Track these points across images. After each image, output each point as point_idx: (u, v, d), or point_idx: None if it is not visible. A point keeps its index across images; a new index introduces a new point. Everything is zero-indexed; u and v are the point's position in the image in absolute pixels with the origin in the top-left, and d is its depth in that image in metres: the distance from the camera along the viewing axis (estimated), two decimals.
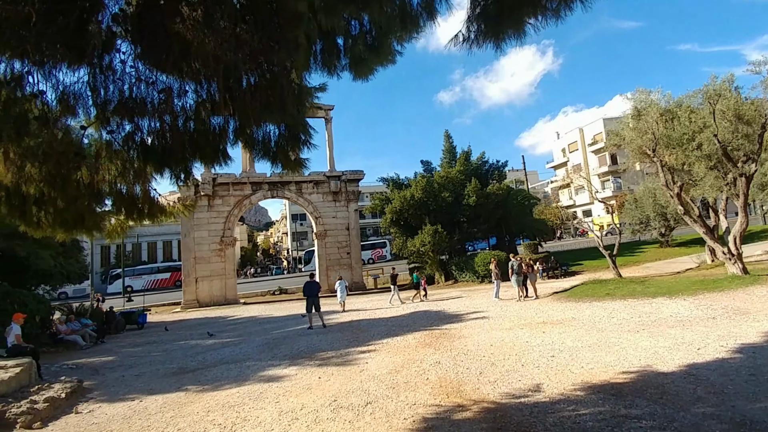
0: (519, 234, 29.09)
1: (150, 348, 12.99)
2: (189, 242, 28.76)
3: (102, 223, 4.85)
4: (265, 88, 4.45)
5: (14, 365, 7.47)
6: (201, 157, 5.08)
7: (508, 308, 13.17)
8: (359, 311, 17.22)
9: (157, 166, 4.84)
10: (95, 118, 4.76)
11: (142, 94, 4.77)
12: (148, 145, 4.96)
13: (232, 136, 5.15)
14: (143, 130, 4.96)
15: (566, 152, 64.54)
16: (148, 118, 4.87)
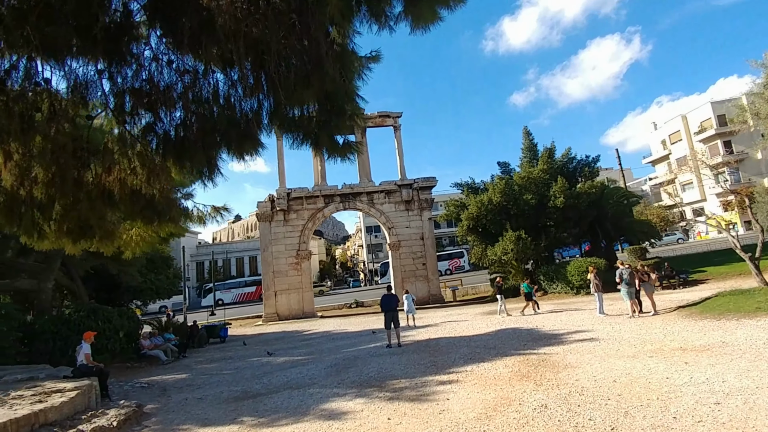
0: (618, 238, 25.53)
1: (223, 365, 12.58)
2: (267, 256, 29.25)
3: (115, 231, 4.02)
4: (300, 53, 3.28)
5: (73, 388, 7.10)
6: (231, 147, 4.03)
7: (621, 327, 10.82)
8: (437, 327, 15.66)
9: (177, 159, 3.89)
10: (113, 109, 3.92)
11: (165, 79, 3.82)
12: (171, 136, 4.03)
13: (266, 119, 4.07)
14: (164, 121, 4.05)
15: (667, 144, 57.33)
16: (171, 106, 3.93)
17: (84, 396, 7.16)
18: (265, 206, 29.48)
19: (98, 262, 15.89)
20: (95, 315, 12.67)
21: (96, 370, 8.43)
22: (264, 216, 29.45)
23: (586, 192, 22.88)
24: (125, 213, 4.04)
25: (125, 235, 4.30)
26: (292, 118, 3.89)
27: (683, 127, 54.74)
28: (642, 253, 21.89)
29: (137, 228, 4.21)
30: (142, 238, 4.30)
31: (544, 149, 25.39)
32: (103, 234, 4.07)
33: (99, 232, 4.02)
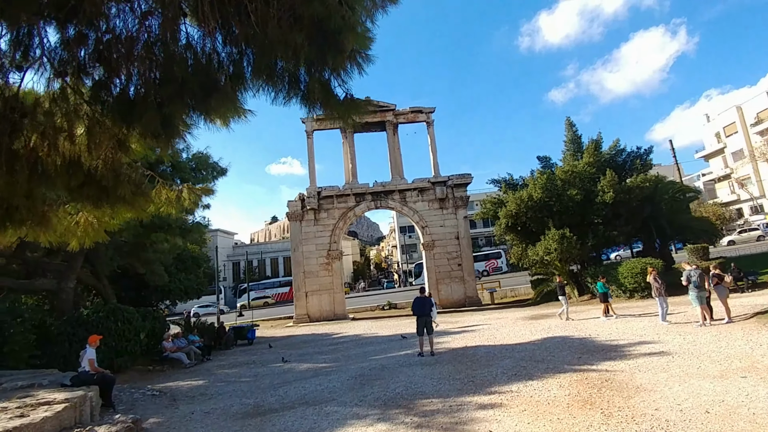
0: (674, 236, 23.17)
1: (243, 371, 11.81)
2: (298, 257, 28.69)
3: (49, 215, 3.12)
4: None
5: (63, 400, 6.38)
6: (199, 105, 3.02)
7: (694, 338, 9.17)
8: (474, 331, 14.32)
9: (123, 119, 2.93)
10: (52, 58, 2.99)
11: (121, 24, 2.84)
12: (129, 95, 3.06)
13: (249, 74, 3.03)
14: (120, 76, 3.08)
15: (721, 137, 52.94)
16: (129, 57, 2.95)
17: (74, 409, 6.42)
18: (296, 205, 28.96)
19: (124, 261, 15.59)
20: (114, 316, 12.21)
21: (97, 378, 7.75)
22: (294, 215, 28.93)
23: (638, 186, 20.80)
24: (64, 191, 3.19)
25: (66, 220, 3.48)
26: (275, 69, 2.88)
27: (738, 118, 50.36)
28: (704, 253, 19.60)
29: (86, 212, 3.38)
30: (91, 225, 3.48)
31: (590, 141, 23.42)
32: (35, 219, 3.23)
33: (29, 216, 3.17)
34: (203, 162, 13.96)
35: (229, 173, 65.76)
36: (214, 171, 14.27)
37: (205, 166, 14.01)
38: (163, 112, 2.87)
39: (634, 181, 20.89)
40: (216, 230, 69.79)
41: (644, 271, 18.58)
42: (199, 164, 13.92)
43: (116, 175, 3.23)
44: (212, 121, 3.06)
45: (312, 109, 3.15)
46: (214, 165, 14.28)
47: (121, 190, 3.22)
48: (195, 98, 2.86)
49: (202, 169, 14.02)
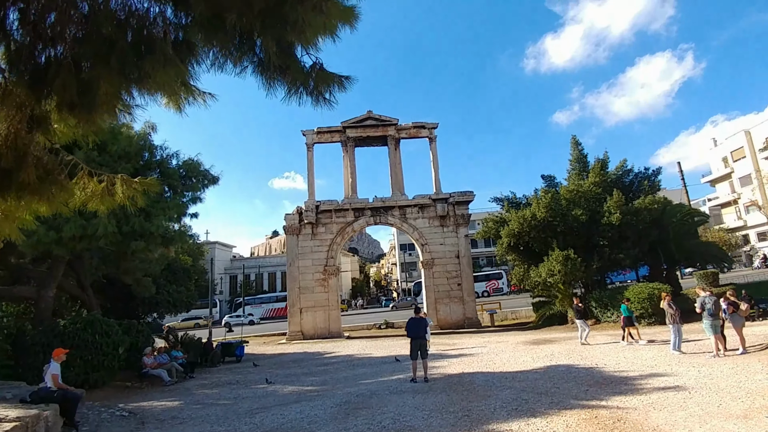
0: (682, 261, 22.40)
1: (224, 392, 11.02)
2: (294, 271, 27.99)
3: None
4: None
5: (14, 419, 5.69)
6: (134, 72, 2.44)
7: (710, 370, 8.42)
8: (472, 356, 13.52)
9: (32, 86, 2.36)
10: None
11: None
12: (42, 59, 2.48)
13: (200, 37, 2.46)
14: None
15: (729, 162, 52.47)
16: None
17: (24, 430, 5.72)
18: (293, 219, 28.39)
19: (109, 271, 14.95)
20: (92, 328, 11.49)
21: (58, 396, 7.04)
22: (291, 229, 28.33)
23: (646, 208, 20.16)
24: None
25: None
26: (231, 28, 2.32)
27: (747, 143, 50.00)
28: (714, 279, 18.83)
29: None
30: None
31: (596, 160, 22.89)
32: None
33: None
34: (193, 169, 13.44)
35: (233, 187, 64.67)
36: (204, 179, 13.74)
37: (195, 173, 13.49)
38: (81, 77, 2.31)
39: (642, 203, 20.26)
40: (214, 243, 69.30)
41: (652, 296, 17.83)
42: (189, 171, 13.40)
43: (18, 156, 2.65)
44: (151, 93, 2.50)
45: (271, 82, 2.58)
46: (205, 173, 13.75)
47: (24, 175, 2.64)
48: (125, 61, 2.30)
49: (192, 177, 13.50)
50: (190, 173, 13.48)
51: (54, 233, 9.63)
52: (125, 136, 12.39)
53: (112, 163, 12.32)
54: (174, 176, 12.94)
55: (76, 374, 10.71)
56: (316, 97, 2.68)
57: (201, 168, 13.76)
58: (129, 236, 10.90)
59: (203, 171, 13.75)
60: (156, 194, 12.48)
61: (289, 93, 2.62)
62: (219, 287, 69.82)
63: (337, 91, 2.70)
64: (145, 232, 10.87)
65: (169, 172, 12.91)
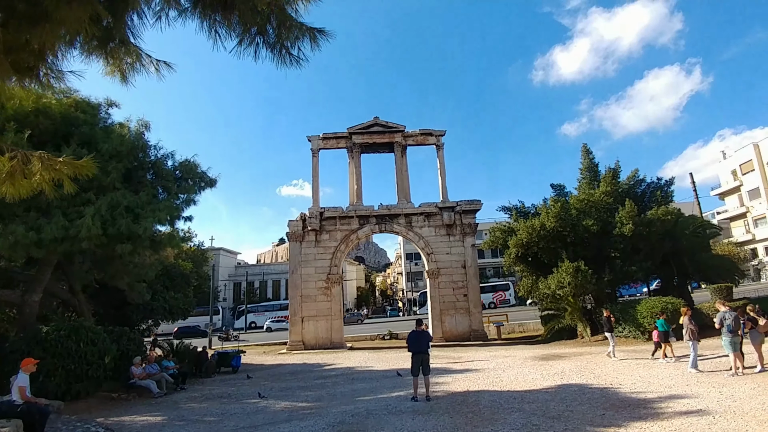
0: (696, 275, 21.51)
1: (212, 407, 10.42)
2: (296, 279, 27.43)
3: None
4: None
5: None
6: None
7: (732, 391, 7.71)
8: (478, 371, 12.82)
9: None
10: None
11: None
12: None
13: None
14: None
15: (738, 174, 51.35)
16: None
17: None
18: (297, 225, 27.91)
19: (100, 275, 14.49)
20: (77, 335, 10.98)
21: (22, 410, 6.49)
22: (295, 235, 27.83)
23: (659, 219, 19.41)
24: None
25: None
26: None
27: (756, 156, 48.96)
28: (728, 293, 17.96)
29: None
30: None
31: (608, 170, 22.21)
32: None
33: None
34: (190, 170, 12.99)
35: (241, 194, 64.35)
36: (201, 181, 13.28)
37: (191, 174, 13.04)
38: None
39: (655, 214, 19.52)
40: (219, 249, 69.05)
41: (665, 310, 17.00)
42: (185, 173, 12.96)
43: None
44: (69, 43, 2.00)
45: (215, 27, 2.05)
46: (202, 175, 13.29)
47: None
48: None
49: (188, 179, 13.05)
50: (186, 174, 13.05)
51: (34, 234, 9.17)
52: (117, 134, 11.99)
53: (103, 162, 11.89)
54: (168, 177, 12.50)
55: (57, 384, 10.20)
56: (279, 50, 2.17)
57: (198, 169, 13.32)
58: (115, 239, 10.41)
59: (200, 173, 13.31)
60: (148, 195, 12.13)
61: (241, 43, 2.09)
62: (222, 294, 69.44)
63: (310, 48, 2.18)
64: (133, 234, 10.38)
65: (163, 172, 12.49)
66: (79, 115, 13.30)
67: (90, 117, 13.56)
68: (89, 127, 13.34)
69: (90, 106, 13.93)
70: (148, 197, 11.37)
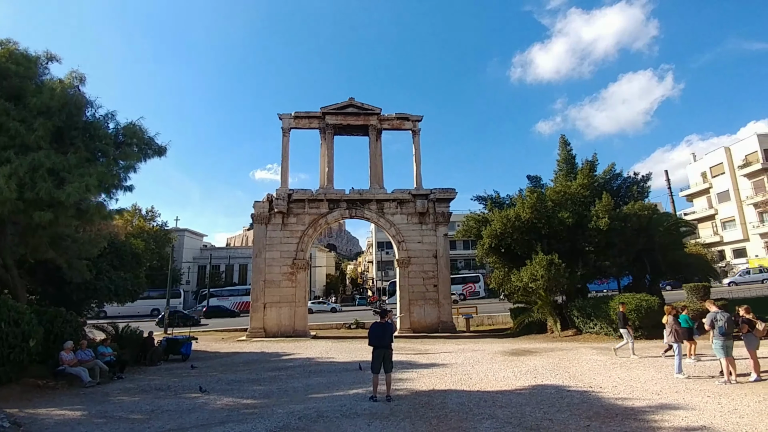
0: (669, 273, 21.34)
1: (143, 402, 9.05)
2: (260, 263, 25.92)
3: None
4: None
5: None
6: None
7: (730, 402, 6.98)
8: (445, 366, 11.92)
9: None
10: None
11: None
12: None
13: None
14: None
15: (708, 177, 52.65)
16: None
17: None
18: (263, 207, 26.33)
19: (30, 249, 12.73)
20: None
21: None
22: (260, 217, 26.26)
23: (635, 213, 18.99)
24: None
25: None
26: None
27: (726, 159, 50.23)
28: (705, 293, 17.77)
29: None
30: None
31: (585, 162, 21.68)
32: None
33: None
34: (134, 135, 11.37)
35: (217, 177, 60.88)
36: (148, 148, 11.68)
37: (136, 139, 11.43)
38: None
39: (632, 208, 19.09)
40: (183, 230, 66.22)
41: (640, 307, 16.58)
42: (129, 137, 11.34)
43: None
44: None
45: None
46: (149, 141, 11.68)
47: None
48: None
49: (132, 144, 11.44)
50: (129, 139, 11.44)
51: None
52: (48, 87, 10.30)
53: (30, 118, 10.22)
54: (107, 140, 10.87)
55: None
56: None
57: (145, 135, 11.70)
58: (33, 204, 8.84)
59: (146, 138, 11.70)
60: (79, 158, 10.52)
61: None
62: (186, 277, 66.72)
63: None
64: (54, 200, 8.83)
65: (100, 134, 10.86)
66: (10, 66, 11.57)
67: (23, 70, 11.83)
68: (20, 80, 11.59)
69: (26, 58, 12.15)
70: (79, 160, 9.79)
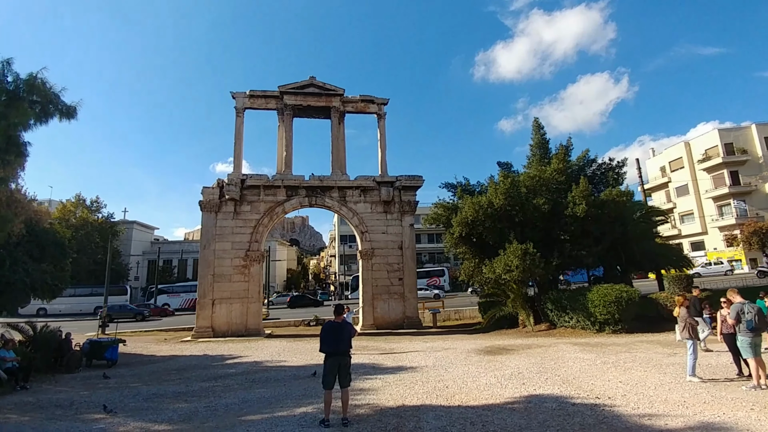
0: (644, 263, 20.55)
1: (32, 423, 6.75)
2: (208, 255, 23.31)
3: None
4: None
5: None
6: None
7: None
8: (415, 371, 10.16)
9: None
10: None
11: None
12: None
13: None
14: None
15: (666, 171, 53.85)
16: None
17: None
18: (212, 193, 23.68)
19: None
20: None
21: None
22: (209, 205, 23.59)
23: (613, 200, 17.95)
24: None
25: None
26: None
27: (686, 154, 51.47)
28: (688, 283, 16.94)
29: None
30: None
31: (560, 147, 20.53)
32: None
33: None
34: (35, 88, 8.83)
35: (176, 172, 55.81)
36: (50, 104, 9.16)
37: (37, 93, 8.89)
38: None
39: (609, 194, 18.05)
40: (132, 222, 61.51)
41: (619, 299, 15.47)
42: (28, 90, 8.79)
43: None
44: None
45: None
46: (53, 97, 9.15)
47: None
48: None
49: (33, 99, 8.89)
50: (27, 93, 8.87)
51: None
52: None
53: None
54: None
55: None
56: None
57: (48, 90, 9.15)
58: None
59: (50, 93, 9.15)
60: None
61: None
62: (134, 272, 62.05)
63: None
64: None
65: None
66: None
67: None
68: None
69: None
70: None
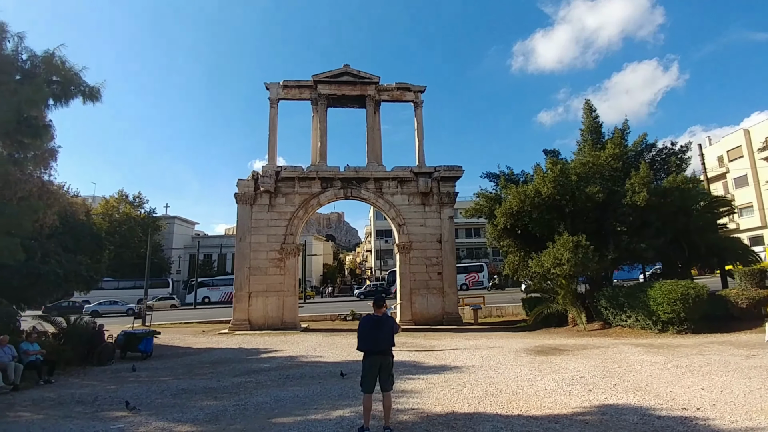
0: (708, 256, 18.54)
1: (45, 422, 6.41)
2: (244, 248, 23.22)
3: None
4: None
5: None
6: None
7: None
8: (461, 373, 9.23)
9: None
10: None
11: None
12: None
13: None
14: None
15: (724, 160, 49.75)
16: None
17: None
18: (247, 185, 23.52)
19: None
20: None
21: None
22: (244, 197, 23.44)
23: (678, 188, 16.19)
24: None
25: None
26: None
27: (745, 142, 47.24)
28: (761, 278, 15.07)
29: None
30: None
31: (615, 130, 18.81)
32: None
33: None
34: (54, 67, 8.56)
35: (216, 169, 56.89)
36: (72, 85, 8.86)
37: (58, 74, 8.62)
38: None
39: (673, 181, 16.29)
40: (173, 217, 63.49)
41: (686, 297, 13.87)
42: (47, 69, 8.53)
43: None
44: None
45: None
46: (73, 77, 8.86)
47: None
48: None
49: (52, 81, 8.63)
50: (46, 73, 8.62)
51: None
52: None
53: None
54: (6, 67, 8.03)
55: None
56: None
57: (68, 70, 8.87)
58: None
59: (71, 73, 8.87)
60: None
61: None
62: (176, 266, 64.05)
63: None
64: None
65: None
66: None
67: None
68: None
69: None
70: None
